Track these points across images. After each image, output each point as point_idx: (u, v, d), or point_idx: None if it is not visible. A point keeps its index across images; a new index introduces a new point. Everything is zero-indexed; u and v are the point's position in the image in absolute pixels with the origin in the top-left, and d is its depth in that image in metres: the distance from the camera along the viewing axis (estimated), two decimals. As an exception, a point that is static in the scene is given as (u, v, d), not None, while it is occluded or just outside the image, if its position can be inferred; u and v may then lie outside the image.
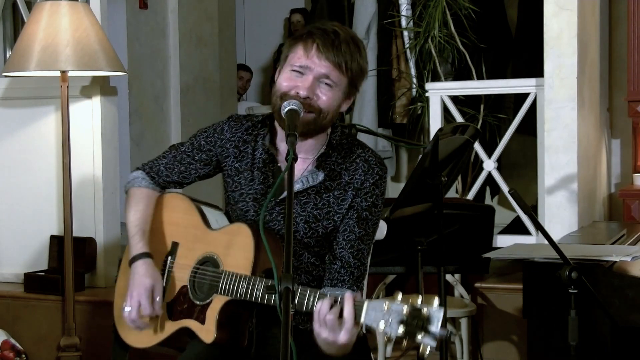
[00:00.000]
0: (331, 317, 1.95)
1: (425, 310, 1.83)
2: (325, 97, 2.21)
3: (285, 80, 2.23)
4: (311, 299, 2.01)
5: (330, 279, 2.26)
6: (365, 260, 2.29)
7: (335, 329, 1.95)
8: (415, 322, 1.82)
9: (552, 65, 4.00)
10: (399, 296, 1.88)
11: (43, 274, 4.34)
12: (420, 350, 1.83)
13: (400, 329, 1.83)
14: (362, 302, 1.92)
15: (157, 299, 2.28)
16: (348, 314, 1.93)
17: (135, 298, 2.28)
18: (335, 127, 2.33)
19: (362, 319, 1.91)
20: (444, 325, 1.82)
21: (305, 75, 2.20)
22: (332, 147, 2.29)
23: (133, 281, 2.30)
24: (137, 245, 2.34)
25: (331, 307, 1.96)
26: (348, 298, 1.95)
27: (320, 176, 2.26)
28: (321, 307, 1.97)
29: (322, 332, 1.98)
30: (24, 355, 4.17)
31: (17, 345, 4.18)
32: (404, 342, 1.84)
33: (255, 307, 2.20)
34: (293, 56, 2.23)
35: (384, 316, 1.86)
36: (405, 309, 1.84)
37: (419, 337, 1.82)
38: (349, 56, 2.21)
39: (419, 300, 1.85)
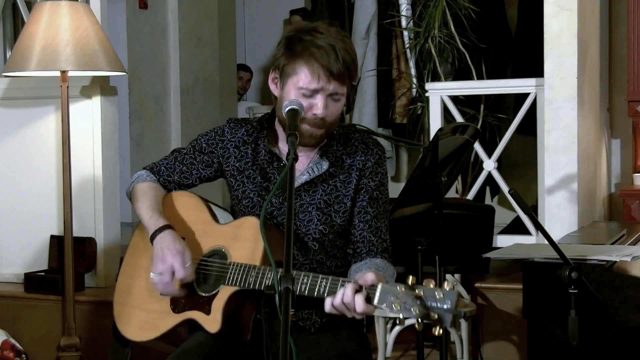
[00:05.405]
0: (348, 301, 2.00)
1: (439, 291, 1.87)
2: (333, 111, 2.27)
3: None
4: (323, 284, 2.04)
5: (356, 261, 2.32)
6: (386, 237, 2.35)
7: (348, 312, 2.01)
8: (430, 302, 1.86)
9: (552, 65, 4.00)
10: (411, 279, 1.92)
11: (43, 274, 4.34)
12: (436, 332, 1.86)
13: (417, 311, 1.86)
14: (376, 286, 1.96)
15: (188, 264, 2.26)
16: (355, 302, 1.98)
17: (169, 262, 2.24)
18: None
19: (376, 302, 1.94)
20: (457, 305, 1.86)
21: (318, 95, 2.23)
22: (333, 138, 2.36)
23: (162, 249, 2.26)
24: (157, 222, 2.32)
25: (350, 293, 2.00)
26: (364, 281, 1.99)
27: (325, 165, 2.32)
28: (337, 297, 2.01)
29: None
30: (24, 355, 4.17)
31: (17, 345, 4.18)
32: (417, 325, 1.87)
33: (261, 299, 2.20)
34: (298, 78, 2.24)
35: (399, 299, 1.90)
36: (420, 290, 1.88)
37: (434, 317, 1.86)
38: (351, 63, 2.24)
39: (432, 284, 1.89)
